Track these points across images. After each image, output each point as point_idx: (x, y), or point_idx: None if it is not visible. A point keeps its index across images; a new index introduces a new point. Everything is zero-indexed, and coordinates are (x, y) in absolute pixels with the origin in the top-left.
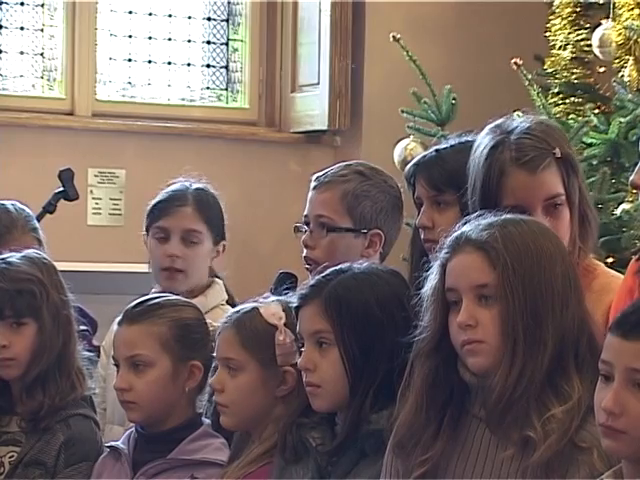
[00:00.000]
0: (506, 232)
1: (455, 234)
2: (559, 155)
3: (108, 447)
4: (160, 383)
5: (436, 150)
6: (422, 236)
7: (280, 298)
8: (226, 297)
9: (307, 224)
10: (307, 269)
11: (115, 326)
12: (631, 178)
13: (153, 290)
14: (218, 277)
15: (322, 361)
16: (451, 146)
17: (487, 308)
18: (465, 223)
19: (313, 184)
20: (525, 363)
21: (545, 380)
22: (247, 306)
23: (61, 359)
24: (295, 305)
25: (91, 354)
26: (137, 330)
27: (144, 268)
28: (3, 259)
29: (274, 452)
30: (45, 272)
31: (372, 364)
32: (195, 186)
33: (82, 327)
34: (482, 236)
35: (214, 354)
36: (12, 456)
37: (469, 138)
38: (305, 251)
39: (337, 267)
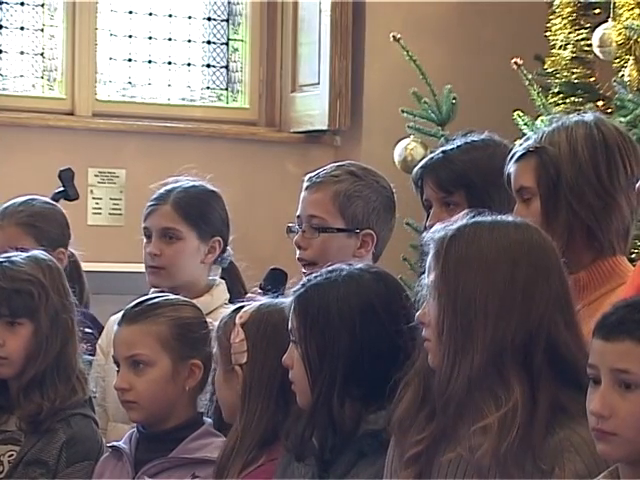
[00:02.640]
0: (454, 235)
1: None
2: (532, 149)
3: (109, 447)
4: (160, 382)
5: (443, 152)
6: None
7: (284, 299)
8: (228, 297)
9: (300, 225)
10: (303, 271)
11: (111, 324)
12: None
13: (152, 290)
14: (224, 277)
15: (294, 359)
16: (457, 147)
17: (432, 306)
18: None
19: (305, 184)
20: (452, 367)
21: (476, 386)
22: (234, 306)
23: (60, 362)
24: None
25: (93, 357)
26: (136, 330)
27: (144, 268)
28: (8, 257)
29: (263, 450)
30: (48, 274)
31: (328, 367)
32: (184, 184)
33: (87, 330)
34: (435, 236)
35: None
36: (11, 455)
37: (475, 138)
38: (298, 252)
39: (330, 267)
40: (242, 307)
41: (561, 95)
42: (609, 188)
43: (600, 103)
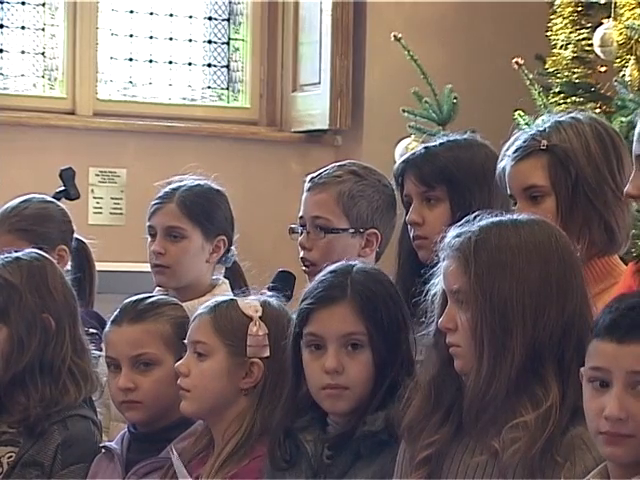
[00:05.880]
0: (480, 238)
1: (445, 238)
2: (544, 147)
3: (102, 447)
4: (166, 381)
5: (425, 147)
6: (412, 233)
7: (266, 297)
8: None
9: (303, 226)
10: (305, 271)
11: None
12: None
13: (156, 290)
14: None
15: (352, 363)
16: (440, 144)
17: (463, 312)
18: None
19: (307, 185)
20: (493, 370)
21: (515, 387)
22: (226, 297)
23: (43, 363)
24: (308, 307)
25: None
26: (142, 329)
27: (145, 267)
28: None
29: (246, 451)
30: (25, 275)
31: (395, 362)
32: (190, 183)
33: (92, 330)
34: (457, 242)
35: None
36: (11, 456)
37: (458, 137)
38: (302, 253)
39: (342, 264)
40: (234, 300)
41: (562, 95)
42: (620, 183)
43: (601, 103)
